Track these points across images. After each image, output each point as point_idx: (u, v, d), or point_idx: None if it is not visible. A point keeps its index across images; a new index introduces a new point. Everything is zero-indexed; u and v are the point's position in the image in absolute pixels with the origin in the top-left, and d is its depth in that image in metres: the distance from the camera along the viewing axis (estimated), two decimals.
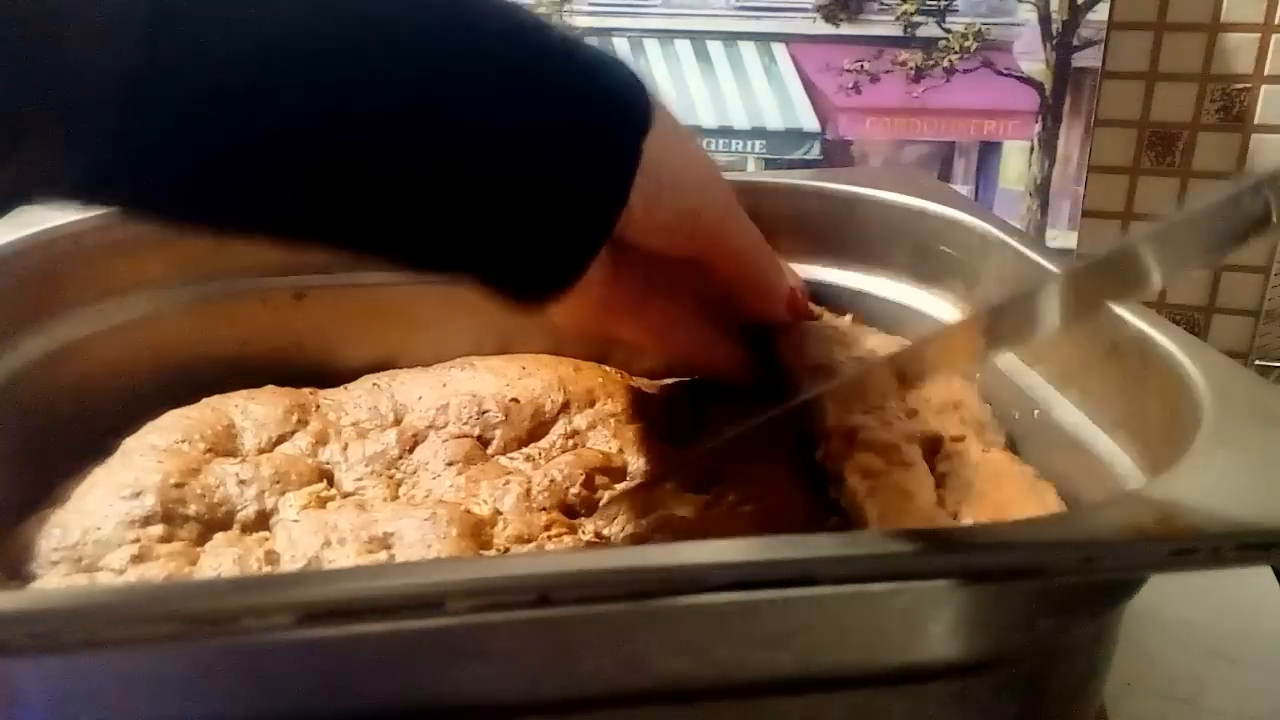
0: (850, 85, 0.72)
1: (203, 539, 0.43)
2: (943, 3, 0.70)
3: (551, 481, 0.46)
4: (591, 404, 0.52)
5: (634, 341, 0.51)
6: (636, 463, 0.49)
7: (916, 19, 0.71)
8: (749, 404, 0.46)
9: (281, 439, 0.49)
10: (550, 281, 0.39)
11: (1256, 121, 0.73)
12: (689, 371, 0.55)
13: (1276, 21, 0.71)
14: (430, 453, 0.49)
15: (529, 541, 0.43)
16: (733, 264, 0.46)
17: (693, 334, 0.49)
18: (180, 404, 0.50)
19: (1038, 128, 0.70)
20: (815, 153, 0.73)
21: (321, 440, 0.49)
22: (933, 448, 0.43)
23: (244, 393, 0.52)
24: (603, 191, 0.38)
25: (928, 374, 0.42)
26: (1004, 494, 0.39)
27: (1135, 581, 0.32)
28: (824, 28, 0.72)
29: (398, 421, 0.51)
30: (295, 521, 0.43)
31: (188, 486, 0.44)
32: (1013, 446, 0.45)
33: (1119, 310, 0.40)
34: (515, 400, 0.51)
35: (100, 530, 0.41)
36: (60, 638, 0.25)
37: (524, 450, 0.50)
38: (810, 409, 0.42)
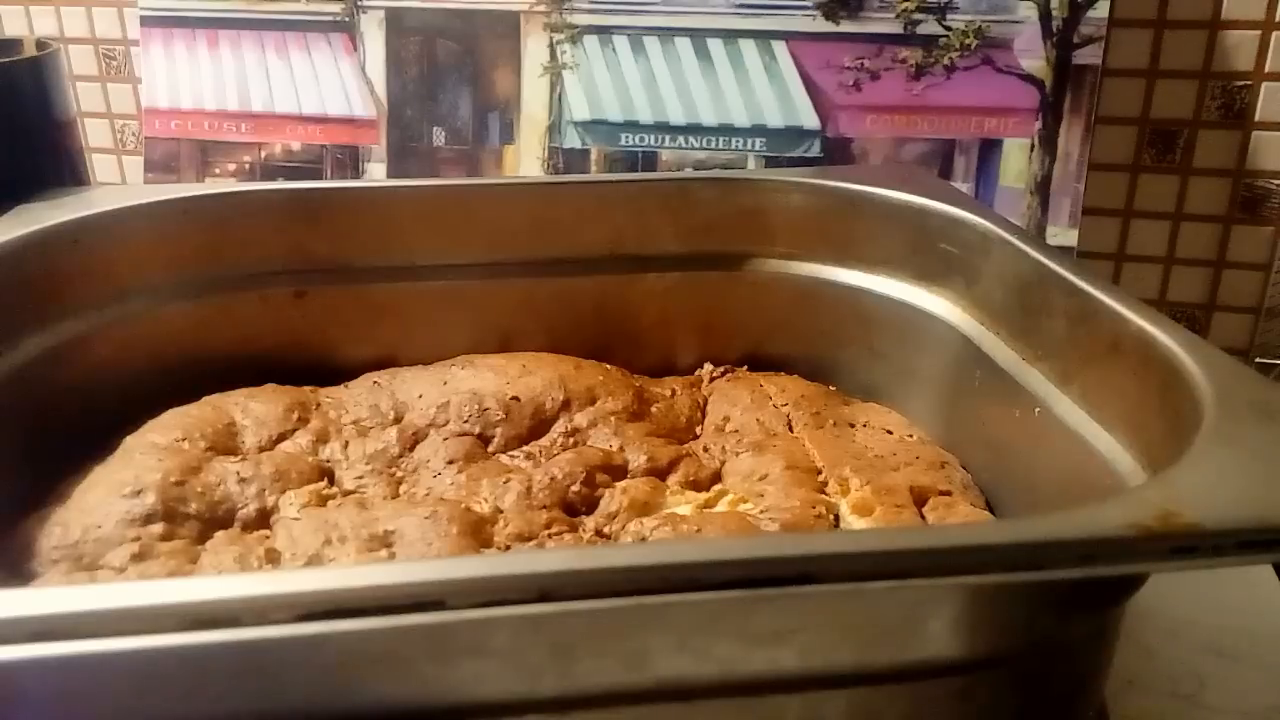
0: (850, 83, 0.72)
1: (203, 537, 0.43)
2: (943, 0, 0.70)
3: (552, 479, 0.46)
4: (592, 402, 0.52)
5: None
6: (637, 461, 0.49)
7: (917, 16, 0.71)
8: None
9: (282, 437, 0.49)
10: None
11: (1257, 119, 0.72)
12: None
13: (1277, 19, 0.71)
14: (431, 451, 0.49)
15: (529, 539, 0.43)
16: None
17: None
18: (181, 402, 0.50)
19: (1038, 125, 0.70)
20: (815, 150, 0.73)
21: (322, 438, 0.49)
22: (922, 499, 0.45)
23: (244, 391, 0.52)
24: None
25: None
26: None
27: (1136, 579, 0.32)
28: (824, 25, 0.72)
29: (398, 420, 0.51)
30: (296, 520, 0.43)
31: (188, 485, 0.44)
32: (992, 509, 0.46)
33: (1120, 308, 0.40)
34: (516, 398, 0.51)
35: (101, 528, 0.41)
36: (60, 637, 0.25)
37: (524, 448, 0.50)
38: None
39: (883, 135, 0.72)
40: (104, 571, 0.40)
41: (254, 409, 0.50)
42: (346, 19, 0.76)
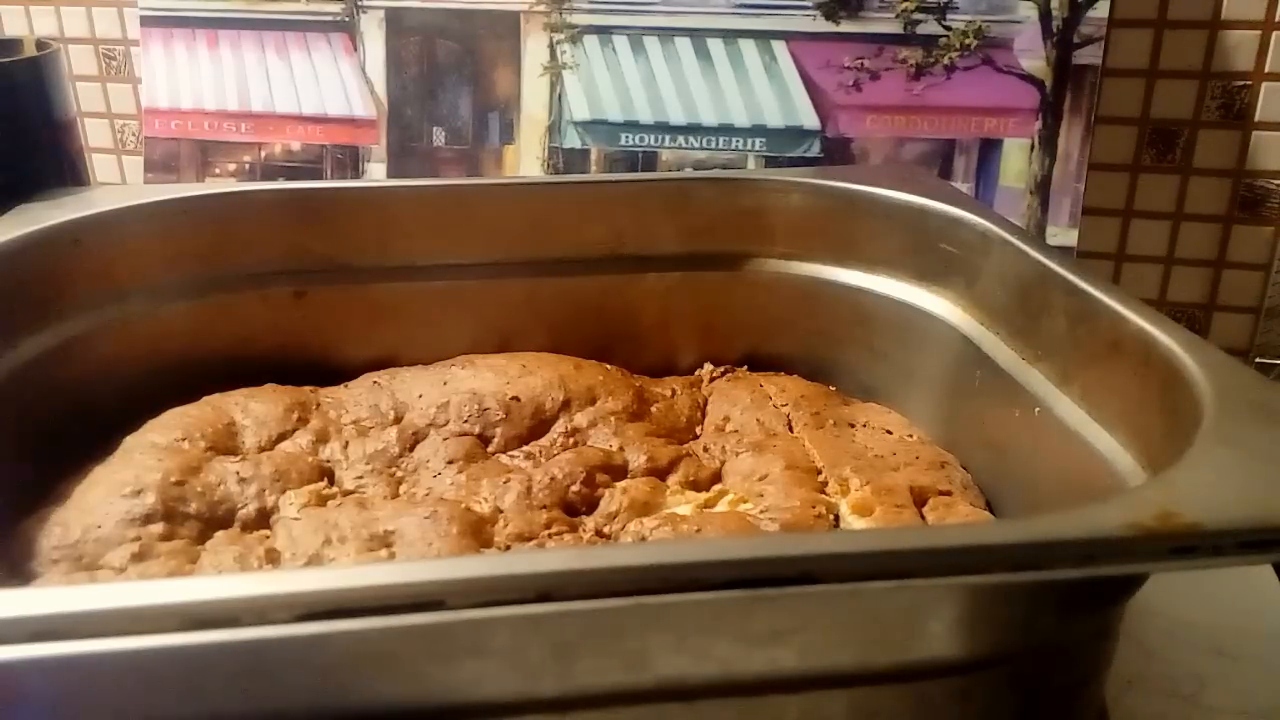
0: (850, 83, 0.72)
1: (203, 537, 0.43)
2: (943, 0, 0.70)
3: (552, 479, 0.46)
4: (592, 402, 0.52)
5: None
6: (637, 461, 0.49)
7: (917, 16, 0.71)
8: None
9: (282, 437, 0.49)
10: None
11: (1257, 119, 0.72)
12: None
13: (1277, 19, 0.71)
14: (431, 451, 0.49)
15: (530, 539, 0.43)
16: None
17: None
18: (181, 402, 0.50)
19: (1038, 125, 0.70)
20: (815, 150, 0.73)
21: (322, 438, 0.49)
22: (922, 499, 0.45)
23: (244, 391, 0.52)
24: None
25: None
26: None
27: (1136, 579, 0.32)
28: (824, 25, 0.72)
29: (398, 420, 0.51)
30: (296, 519, 0.43)
31: (188, 484, 0.44)
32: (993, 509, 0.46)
33: (1120, 308, 0.40)
34: (516, 398, 0.51)
35: (101, 528, 0.41)
36: (60, 637, 0.25)
37: (524, 448, 0.50)
38: None
39: (883, 135, 0.72)
40: (104, 571, 0.40)
41: (254, 409, 0.50)
42: (346, 19, 0.76)
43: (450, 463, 0.48)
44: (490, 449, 0.50)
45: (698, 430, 0.53)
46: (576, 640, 0.28)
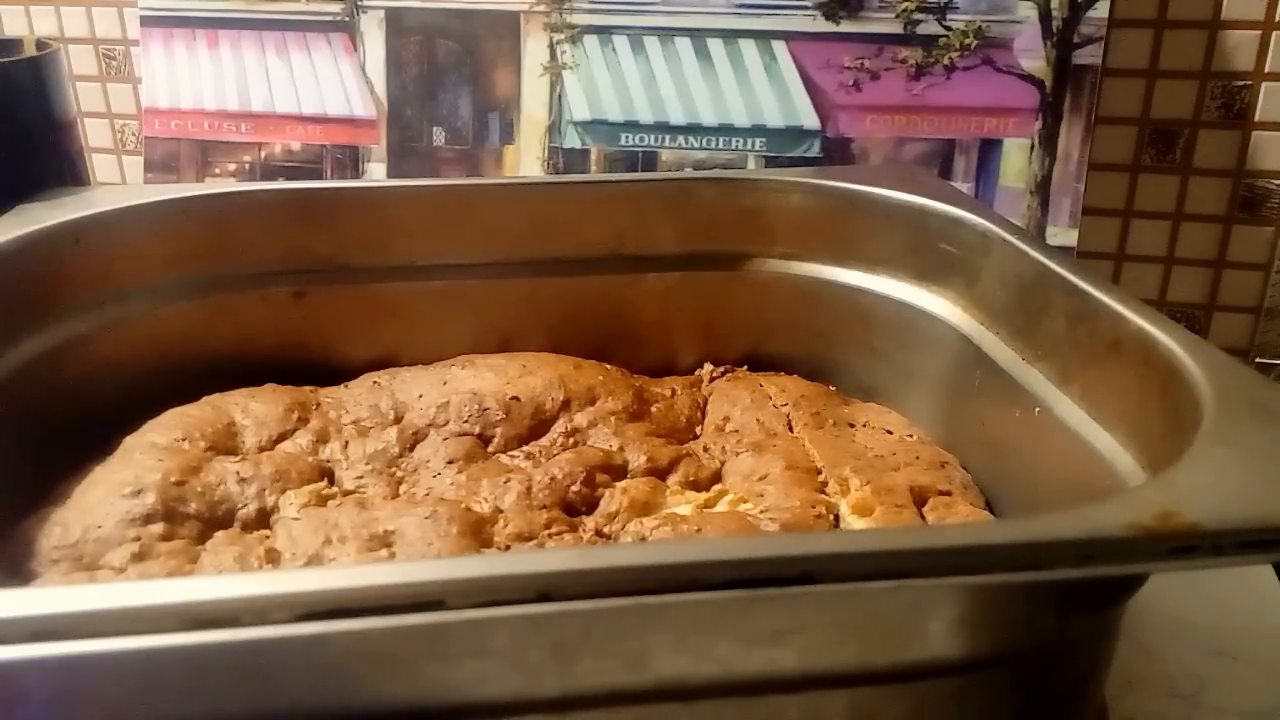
0: (850, 83, 0.72)
1: (203, 537, 0.43)
2: (943, 0, 0.70)
3: (552, 479, 0.46)
4: (592, 402, 0.52)
5: None
6: (637, 461, 0.49)
7: (917, 16, 0.71)
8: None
9: (282, 437, 0.49)
10: None
11: (1257, 119, 0.72)
12: None
13: (1277, 19, 0.71)
14: (431, 451, 0.49)
15: (530, 539, 0.43)
16: None
17: None
18: (181, 402, 0.50)
19: (1038, 125, 0.70)
20: (815, 150, 0.73)
21: (322, 438, 0.49)
22: (922, 499, 0.45)
23: (244, 391, 0.52)
24: None
25: None
26: None
27: (1136, 579, 0.32)
28: (824, 25, 0.72)
29: (398, 420, 0.51)
30: (296, 519, 0.43)
31: (188, 485, 0.44)
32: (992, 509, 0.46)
33: (1120, 308, 0.40)
34: (516, 398, 0.51)
35: (101, 528, 0.41)
36: (60, 637, 0.25)
37: (524, 448, 0.50)
38: None
39: (883, 135, 0.72)
40: (104, 571, 0.40)
41: (254, 409, 0.50)
42: (346, 19, 0.76)
43: (450, 463, 0.48)
44: (490, 449, 0.50)
45: (698, 430, 0.53)
46: (576, 640, 0.28)
